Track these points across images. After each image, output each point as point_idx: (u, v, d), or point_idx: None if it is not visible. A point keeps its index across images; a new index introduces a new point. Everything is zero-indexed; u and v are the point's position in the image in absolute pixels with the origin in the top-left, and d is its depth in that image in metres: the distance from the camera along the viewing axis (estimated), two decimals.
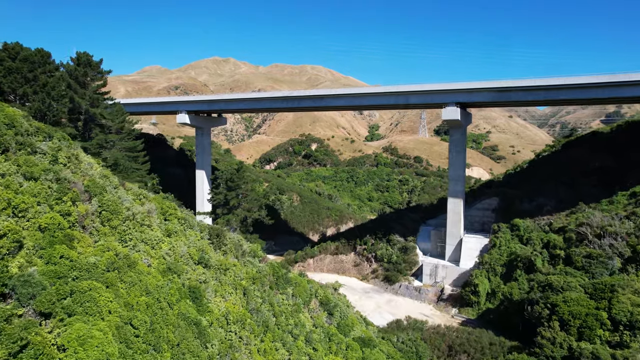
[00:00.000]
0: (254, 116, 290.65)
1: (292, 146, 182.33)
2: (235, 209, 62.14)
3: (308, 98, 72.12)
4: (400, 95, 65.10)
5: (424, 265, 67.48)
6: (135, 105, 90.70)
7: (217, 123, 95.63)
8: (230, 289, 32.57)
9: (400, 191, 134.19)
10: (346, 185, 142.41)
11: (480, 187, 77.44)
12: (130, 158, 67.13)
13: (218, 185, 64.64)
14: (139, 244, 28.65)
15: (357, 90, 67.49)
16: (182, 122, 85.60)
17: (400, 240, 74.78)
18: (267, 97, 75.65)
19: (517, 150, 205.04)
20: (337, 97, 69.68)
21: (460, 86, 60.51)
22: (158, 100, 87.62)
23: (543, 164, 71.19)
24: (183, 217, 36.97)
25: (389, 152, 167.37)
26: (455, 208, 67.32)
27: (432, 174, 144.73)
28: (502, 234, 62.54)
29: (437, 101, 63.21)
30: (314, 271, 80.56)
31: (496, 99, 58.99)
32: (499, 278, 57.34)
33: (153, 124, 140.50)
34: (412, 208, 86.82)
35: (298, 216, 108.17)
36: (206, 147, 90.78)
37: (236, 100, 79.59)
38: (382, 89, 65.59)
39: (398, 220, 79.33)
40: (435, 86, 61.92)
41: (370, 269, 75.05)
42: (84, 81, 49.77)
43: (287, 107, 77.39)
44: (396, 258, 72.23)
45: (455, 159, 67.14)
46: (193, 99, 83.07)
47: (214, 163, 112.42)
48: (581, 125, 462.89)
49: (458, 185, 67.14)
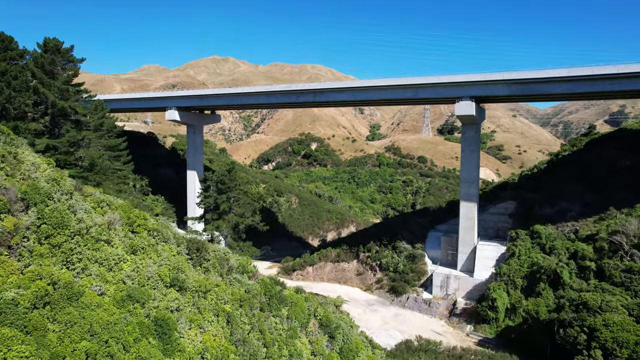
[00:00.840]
0: (252, 115, 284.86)
1: (291, 146, 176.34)
2: (226, 214, 56.21)
3: (307, 92, 66.17)
4: (409, 89, 59.15)
5: (434, 276, 61.49)
6: (121, 102, 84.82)
7: (210, 120, 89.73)
8: (211, 317, 26.45)
9: (404, 192, 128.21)
10: (347, 187, 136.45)
11: (493, 190, 71.51)
12: (112, 158, 61.15)
13: (208, 187, 58.74)
14: (91, 265, 22.59)
15: (360, 83, 61.55)
16: (172, 119, 79.70)
17: (407, 248, 68.81)
18: (263, 92, 69.72)
19: (523, 150, 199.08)
20: (338, 90, 63.73)
21: (475, 78, 54.56)
22: (145, 95, 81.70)
23: (563, 164, 65.21)
24: (155, 227, 30.78)
25: (391, 151, 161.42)
26: (468, 213, 61.34)
27: (437, 174, 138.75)
28: (521, 241, 56.56)
29: (449, 95, 57.27)
30: (313, 280, 74.63)
31: (516, 92, 53.03)
32: (520, 292, 51.35)
33: (144, 122, 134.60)
34: (419, 212, 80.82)
35: (297, 219, 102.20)
36: (198, 146, 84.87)
37: (229, 95, 73.64)
38: (388, 81, 59.63)
39: (404, 225, 73.35)
40: (447, 78, 55.95)
41: (375, 278, 69.08)
42: (51, 70, 43.86)
43: (285, 103, 71.47)
44: (403, 267, 66.27)
45: (469, 158, 61.16)
46: (183, 94, 77.16)
47: (208, 163, 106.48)
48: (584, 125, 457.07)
49: (471, 188, 61.16)
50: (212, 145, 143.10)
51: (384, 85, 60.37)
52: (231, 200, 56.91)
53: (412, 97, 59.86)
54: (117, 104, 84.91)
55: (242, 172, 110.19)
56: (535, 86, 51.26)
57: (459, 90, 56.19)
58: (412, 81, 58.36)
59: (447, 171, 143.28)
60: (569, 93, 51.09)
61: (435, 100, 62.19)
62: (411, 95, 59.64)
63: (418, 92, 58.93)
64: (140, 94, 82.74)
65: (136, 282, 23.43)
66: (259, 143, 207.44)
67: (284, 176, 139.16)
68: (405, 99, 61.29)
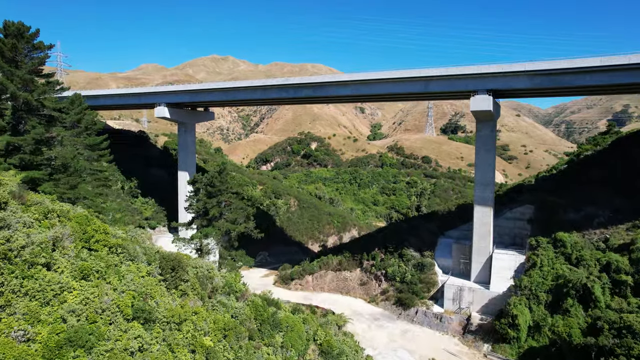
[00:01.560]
0: (251, 114, 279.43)
1: (290, 145, 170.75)
2: (216, 220, 50.67)
3: (307, 86, 60.69)
4: (418, 81, 53.66)
5: (446, 288, 55.98)
6: (105, 98, 79.39)
7: (203, 118, 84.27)
8: (186, 354, 21.04)
9: (409, 194, 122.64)
10: (349, 188, 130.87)
11: (508, 193, 65.97)
12: (92, 158, 55.66)
13: (197, 190, 53.17)
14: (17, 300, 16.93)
15: (364, 75, 56.02)
16: (161, 116, 74.30)
17: (415, 256, 63.30)
18: (258, 86, 64.23)
19: (529, 150, 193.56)
20: (341, 84, 58.22)
21: (493, 69, 49.06)
22: (131, 91, 76.17)
23: (586, 165, 59.66)
24: (120, 243, 25.32)
25: (394, 151, 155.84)
26: (483, 218, 55.85)
27: (442, 175, 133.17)
28: (542, 250, 51.06)
29: (464, 88, 51.80)
30: (313, 290, 69.14)
31: (539, 85, 47.51)
32: (544, 308, 45.83)
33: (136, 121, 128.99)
34: (427, 216, 75.30)
35: (296, 223, 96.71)
36: (190, 146, 79.38)
37: (222, 90, 68.15)
38: (395, 73, 54.14)
39: (411, 231, 67.85)
40: (462, 69, 50.46)
41: (380, 289, 63.58)
42: (13, 58, 38.41)
43: (282, 98, 65.98)
44: (411, 277, 60.78)
45: (483, 159, 55.66)
46: (172, 89, 71.65)
47: (202, 164, 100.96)
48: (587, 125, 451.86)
49: (486, 191, 55.67)
50: (207, 145, 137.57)
51: (391, 78, 54.86)
52: (222, 204, 51.37)
53: (421, 91, 54.33)
54: (102, 100, 79.54)
55: (238, 173, 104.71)
56: (562, 78, 45.74)
57: (474, 82, 50.72)
58: (422, 73, 52.87)
59: (453, 172, 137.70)
60: (602, 85, 45.60)
61: (447, 95, 56.66)
62: (421, 89, 54.13)
63: (429, 85, 53.43)
64: (126, 89, 77.35)
65: (83, 318, 18.02)
66: (258, 143, 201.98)
67: (283, 177, 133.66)
68: (414, 92, 55.75)
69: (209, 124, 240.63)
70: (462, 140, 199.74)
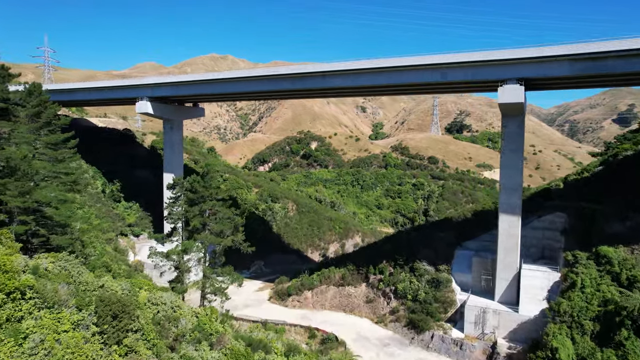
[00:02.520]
0: (249, 113, 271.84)
1: (289, 145, 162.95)
2: (198, 232, 42.99)
3: (305, 77, 53.02)
4: (435, 70, 46.01)
5: (467, 309, 48.26)
6: (82, 92, 71.71)
7: (191, 114, 76.68)
8: None
9: (415, 197, 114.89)
10: (351, 190, 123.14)
11: (533, 198, 58.25)
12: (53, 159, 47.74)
13: (177, 197, 45.51)
14: None
15: (371, 63, 48.29)
16: (143, 112, 66.79)
17: (428, 270, 55.59)
18: (250, 77, 56.58)
19: (538, 150, 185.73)
20: (343, 74, 50.50)
21: (526, 53, 41.38)
22: (110, 84, 68.46)
23: (628, 166, 51.94)
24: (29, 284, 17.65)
25: (398, 151, 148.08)
26: (510, 229, 48.13)
27: (450, 176, 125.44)
28: (582, 268, 43.33)
29: (490, 77, 44.18)
30: (312, 307, 61.41)
31: (581, 72, 39.87)
32: (590, 339, 38.05)
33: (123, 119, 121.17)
34: (439, 224, 67.62)
35: (294, 229, 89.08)
36: (176, 145, 71.70)
37: (210, 82, 60.50)
38: (407, 60, 46.51)
39: (424, 241, 60.12)
40: (489, 54, 42.82)
41: (389, 307, 55.90)
42: None
43: (278, 91, 58.28)
44: (424, 295, 53.09)
45: (510, 160, 47.97)
46: (155, 81, 63.95)
47: (193, 164, 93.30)
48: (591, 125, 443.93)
49: (513, 197, 47.97)
50: (199, 144, 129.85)
51: (402, 66, 47.16)
52: (205, 214, 43.71)
53: (439, 81, 46.65)
54: (79, 94, 71.92)
55: (232, 174, 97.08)
56: (612, 63, 38.04)
57: (503, 70, 43.07)
58: (440, 59, 45.18)
59: (461, 173, 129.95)
60: None
61: (468, 86, 48.92)
62: (437, 78, 46.44)
63: (447, 73, 45.74)
64: (105, 82, 69.77)
65: None
66: (256, 142, 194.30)
67: (281, 179, 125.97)
68: (430, 83, 48.04)
69: (205, 123, 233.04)
70: (468, 139, 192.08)
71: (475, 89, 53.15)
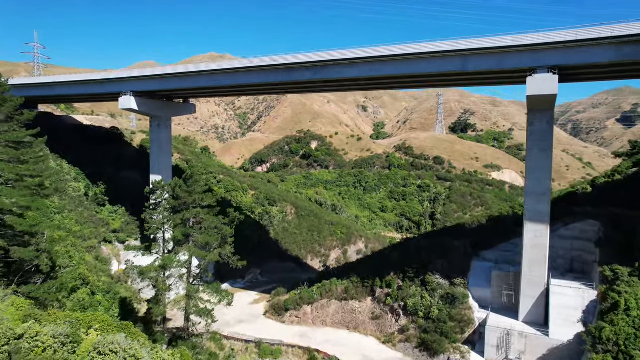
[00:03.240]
0: (248, 113, 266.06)
1: (288, 144, 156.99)
2: (180, 244, 37.13)
3: (303, 67, 47.15)
4: (454, 58, 40.16)
5: (488, 330, 42.43)
6: (60, 86, 65.74)
7: (181, 111, 70.93)
8: None
9: (421, 199, 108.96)
10: (353, 192, 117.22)
11: (557, 203, 52.18)
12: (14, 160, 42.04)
13: (157, 204, 39.64)
14: None
15: (378, 51, 42.39)
16: (127, 108, 61.08)
17: (442, 284, 49.70)
18: (242, 68, 50.70)
19: None
20: (346, 63, 44.66)
21: (559, 37, 35.48)
22: (91, 77, 62.55)
23: None
24: None
25: (402, 151, 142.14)
26: (537, 240, 42.26)
27: (457, 178, 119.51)
28: (625, 285, 37.46)
29: (517, 65, 38.33)
30: (312, 324, 55.51)
31: (629, 57, 33.90)
32: None
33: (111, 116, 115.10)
34: (451, 230, 61.87)
35: (293, 234, 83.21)
36: (164, 144, 65.93)
37: (199, 74, 54.66)
38: (421, 47, 40.61)
39: (435, 250, 54.20)
40: (516, 38, 37.05)
41: (397, 325, 50.04)
42: None
43: (274, 83, 52.45)
44: (438, 312, 47.23)
45: (537, 161, 42.11)
46: (139, 74, 58.06)
47: (184, 165, 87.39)
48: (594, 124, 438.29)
49: (541, 204, 42.12)
50: (193, 144, 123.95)
51: (415, 54, 41.28)
52: (189, 223, 37.86)
53: (457, 71, 40.77)
54: (58, 88, 65.99)
55: (227, 176, 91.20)
56: None
57: (533, 57, 37.24)
58: (460, 45, 39.28)
59: (469, 174, 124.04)
60: None
61: (492, 76, 42.91)
62: (457, 67, 40.57)
63: (467, 62, 39.88)
64: (85, 75, 63.89)
65: None
66: (254, 142, 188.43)
67: (279, 180, 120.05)
68: (447, 73, 42.17)
69: (202, 122, 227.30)
70: (473, 139, 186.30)
71: (498, 81, 47.14)
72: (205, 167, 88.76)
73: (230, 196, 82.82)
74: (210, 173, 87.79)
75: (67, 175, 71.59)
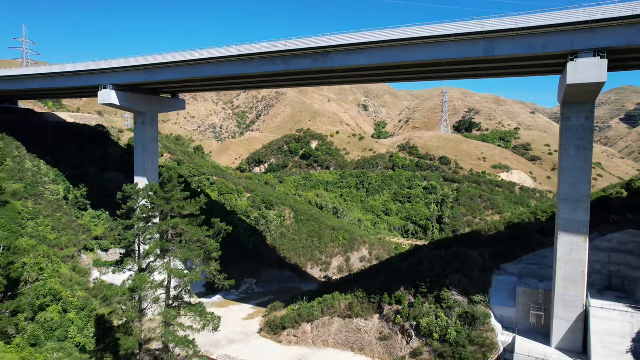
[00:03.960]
0: (247, 111, 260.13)
1: (287, 144, 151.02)
2: (157, 260, 31.21)
3: (303, 54, 41.25)
4: (478, 41, 34.21)
5: (518, 359, 36.47)
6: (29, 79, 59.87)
7: (169, 106, 64.99)
8: None
9: (427, 202, 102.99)
10: (355, 194, 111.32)
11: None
12: None
13: (129, 211, 33.77)
14: None
15: (392, 34, 36.50)
16: (107, 103, 55.25)
17: (459, 301, 43.82)
18: (236, 55, 44.74)
19: (554, 150, 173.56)
20: (354, 49, 38.77)
21: (608, 12, 29.52)
22: (66, 69, 56.48)
23: None
24: None
25: (406, 151, 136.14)
26: (573, 254, 36.38)
27: (465, 179, 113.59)
28: None
29: (554, 49, 32.36)
30: (313, 344, 49.59)
31: None
32: None
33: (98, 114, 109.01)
34: (467, 239, 56.07)
35: (291, 240, 77.34)
36: (150, 143, 60.02)
37: (187, 64, 48.77)
38: (440, 28, 34.67)
39: (450, 261, 48.34)
40: (553, 16, 31.06)
41: (409, 348, 44.15)
42: None
43: (271, 74, 46.58)
44: (456, 334, 41.33)
45: (575, 161, 36.23)
46: (121, 65, 52.07)
47: (176, 166, 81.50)
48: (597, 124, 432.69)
49: (579, 212, 36.21)
50: (185, 143, 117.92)
51: (434, 37, 35.37)
52: (167, 236, 31.98)
53: (481, 57, 34.95)
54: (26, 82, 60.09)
55: (221, 178, 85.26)
56: None
57: (574, 38, 31.38)
58: (485, 26, 33.37)
59: (477, 175, 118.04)
60: None
61: (521, 63, 36.89)
62: (480, 53, 34.75)
63: (495, 45, 34.03)
64: (60, 66, 57.74)
65: None
66: (253, 142, 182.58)
67: (277, 181, 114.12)
68: (469, 60, 36.29)
69: (200, 121, 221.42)
70: (479, 138, 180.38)
71: (530, 70, 40.96)
72: (197, 168, 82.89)
73: (224, 199, 76.93)
74: (203, 174, 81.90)
75: (45, 177, 65.74)
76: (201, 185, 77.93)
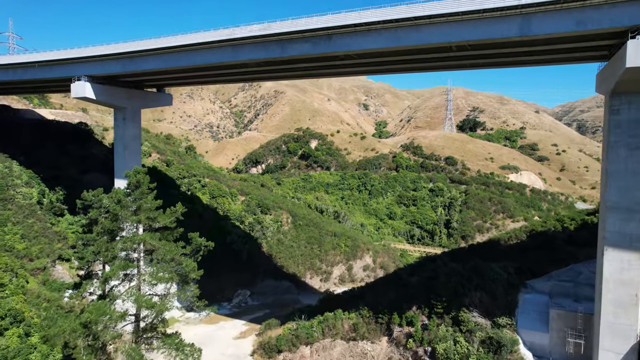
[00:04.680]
0: (245, 110, 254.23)
1: (286, 144, 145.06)
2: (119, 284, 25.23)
3: (300, 37, 35.31)
4: (514, 17, 28.28)
5: None
6: None
7: (152, 102, 59.02)
8: None
9: (433, 205, 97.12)
10: (357, 197, 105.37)
11: None
12: None
13: (91, 224, 27.79)
14: None
15: (405, 11, 30.57)
16: (81, 97, 49.28)
17: (482, 324, 37.89)
18: (226, 40, 38.80)
19: (561, 150, 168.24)
20: (364, 30, 32.77)
21: None
22: (35, 59, 50.29)
23: None
24: None
25: (410, 151, 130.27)
26: (624, 273, 30.50)
27: (472, 180, 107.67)
28: None
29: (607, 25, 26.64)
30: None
31: None
32: None
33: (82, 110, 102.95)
34: (483, 250, 50.29)
35: (289, 248, 71.42)
36: (131, 142, 54.11)
37: (170, 51, 42.88)
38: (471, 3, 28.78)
39: (468, 275, 42.38)
40: None
41: None
42: None
43: (267, 61, 40.65)
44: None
45: (627, 162, 30.39)
46: (96, 54, 46.03)
47: (164, 167, 75.50)
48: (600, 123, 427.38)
49: (632, 222, 30.34)
50: (176, 142, 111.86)
51: (459, 13, 29.45)
52: (136, 257, 26.00)
53: (515, 36, 28.99)
54: None
55: (214, 179, 79.24)
56: None
57: (630, 13, 25.44)
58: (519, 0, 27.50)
59: (485, 176, 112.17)
60: None
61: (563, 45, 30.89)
62: (513, 32, 28.84)
63: (531, 22, 28.14)
64: (28, 55, 51.46)
65: None
66: (250, 141, 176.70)
67: (275, 183, 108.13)
68: (498, 42, 30.35)
69: (196, 120, 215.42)
70: (484, 138, 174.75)
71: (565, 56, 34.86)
72: (188, 169, 76.90)
73: (216, 203, 70.98)
74: (194, 176, 75.93)
75: (16, 180, 59.71)
76: (191, 187, 72.01)
